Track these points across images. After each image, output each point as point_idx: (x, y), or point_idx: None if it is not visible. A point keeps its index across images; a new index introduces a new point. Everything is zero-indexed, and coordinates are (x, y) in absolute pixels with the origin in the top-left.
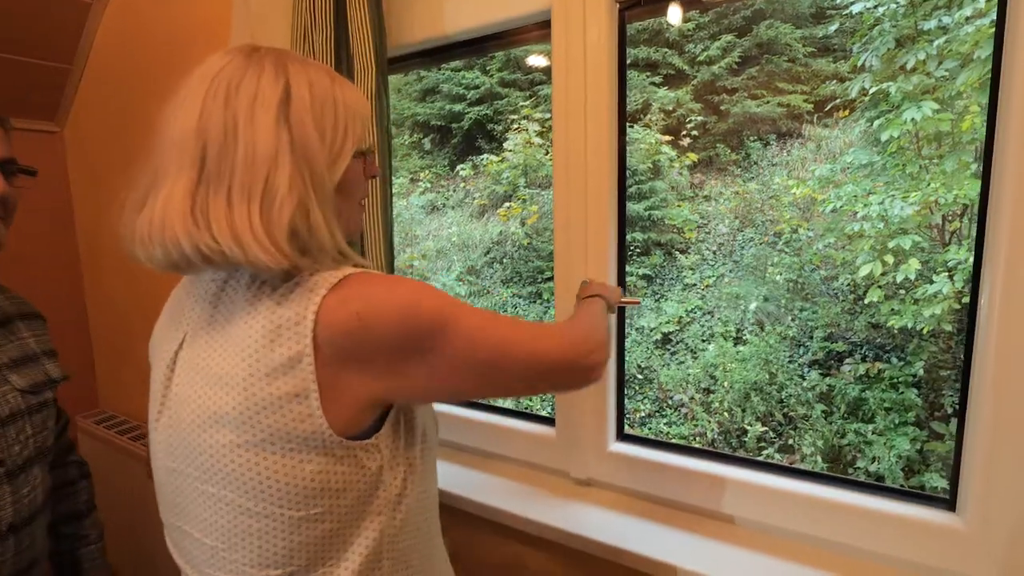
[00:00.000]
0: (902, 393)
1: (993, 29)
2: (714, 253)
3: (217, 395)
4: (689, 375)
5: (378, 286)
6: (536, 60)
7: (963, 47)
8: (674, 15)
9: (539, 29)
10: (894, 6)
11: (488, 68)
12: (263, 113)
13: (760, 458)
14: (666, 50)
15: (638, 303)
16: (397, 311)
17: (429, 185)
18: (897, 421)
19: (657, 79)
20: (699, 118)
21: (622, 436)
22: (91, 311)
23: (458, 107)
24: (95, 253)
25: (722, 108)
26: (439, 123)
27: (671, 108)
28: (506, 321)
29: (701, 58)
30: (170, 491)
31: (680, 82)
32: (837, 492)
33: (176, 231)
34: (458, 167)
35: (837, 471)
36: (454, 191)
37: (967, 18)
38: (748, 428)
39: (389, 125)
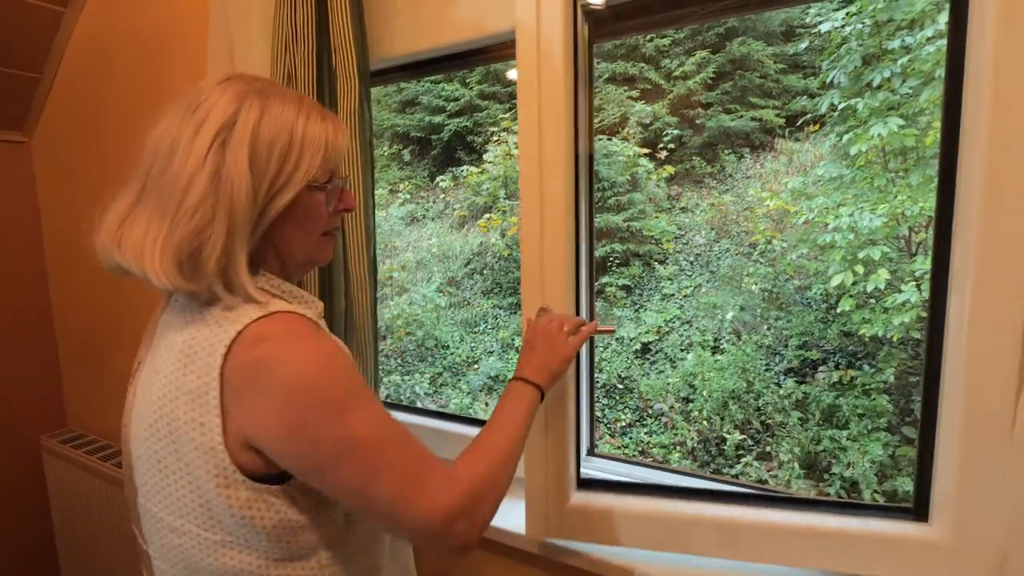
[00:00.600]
0: (874, 399)
1: None
2: (691, 263)
3: (144, 411)
4: (668, 384)
5: (293, 342)
6: (515, 73)
7: (925, 66)
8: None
9: (509, 48)
10: (860, 26)
11: (468, 81)
12: (203, 135)
13: (724, 486)
14: (643, 65)
15: (612, 331)
16: (297, 378)
17: (409, 196)
18: (870, 427)
19: (634, 93)
20: (675, 131)
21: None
22: (58, 324)
23: (438, 119)
24: (63, 264)
25: (697, 122)
26: (419, 134)
27: (648, 122)
28: (397, 441)
29: (677, 73)
30: (140, 479)
31: (656, 96)
32: (811, 517)
33: (103, 245)
34: (438, 178)
35: (814, 477)
36: (434, 202)
37: (928, 38)
38: (727, 436)
39: (371, 138)
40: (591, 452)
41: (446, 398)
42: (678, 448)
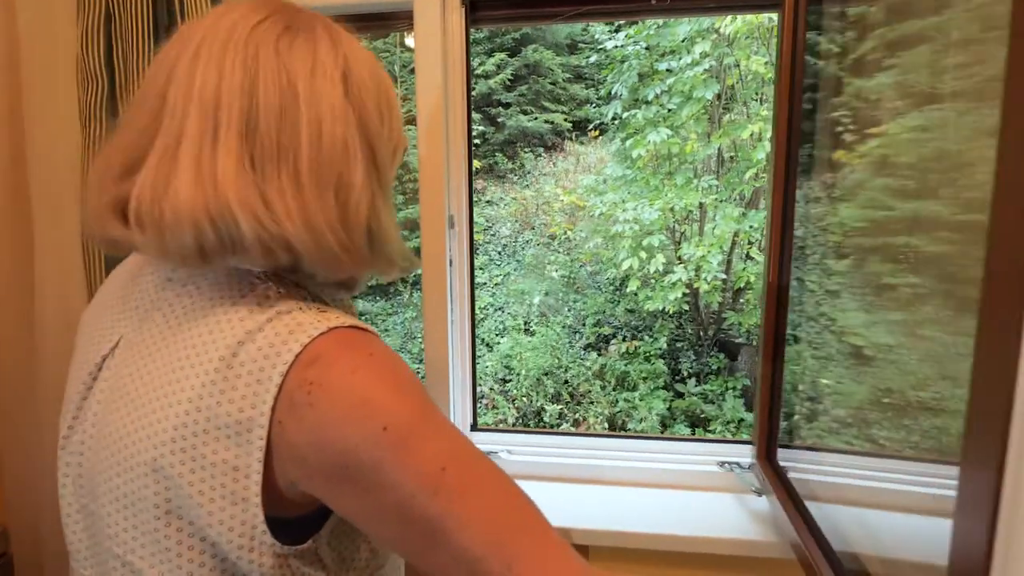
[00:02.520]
0: (653, 364)
1: (705, 76)
2: (499, 253)
3: (137, 437)
4: (487, 367)
5: (347, 363)
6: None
7: (685, 87)
8: None
9: (386, 20)
10: (636, 47)
11: None
12: (328, 85)
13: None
14: None
15: None
16: (351, 425)
17: None
18: (652, 387)
19: None
20: (479, 128)
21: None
22: None
23: None
24: None
25: (499, 120)
26: None
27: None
28: (503, 496)
29: (479, 71)
30: (84, 537)
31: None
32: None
33: (229, 204)
34: None
35: (615, 432)
36: None
37: (687, 65)
38: (547, 408)
39: None
40: (474, 427)
41: None
42: (501, 425)
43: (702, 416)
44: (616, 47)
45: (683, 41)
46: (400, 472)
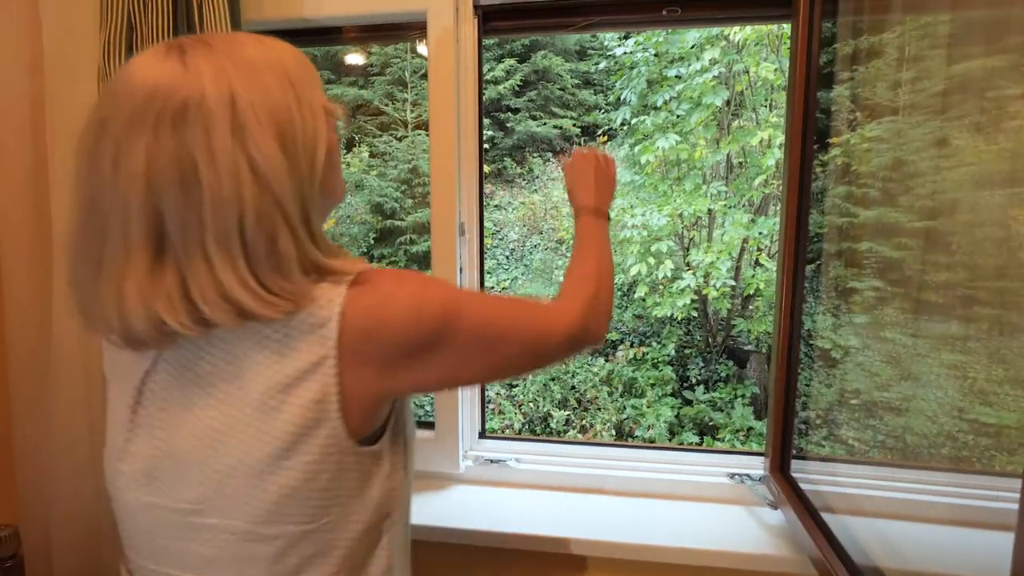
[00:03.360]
0: (661, 370)
1: (714, 82)
2: (507, 257)
3: (222, 415)
4: None
5: (387, 282)
6: (354, 59)
7: (694, 94)
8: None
9: (399, 30)
10: (645, 54)
11: None
12: (219, 141)
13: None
14: None
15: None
16: (409, 308)
17: None
18: (660, 394)
19: None
20: (488, 132)
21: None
22: None
23: None
24: None
25: (508, 125)
26: None
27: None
28: (508, 305)
29: (488, 77)
30: (145, 530)
31: None
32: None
33: (157, 312)
34: None
35: (621, 441)
36: None
37: (697, 71)
38: (554, 413)
39: None
40: (482, 435)
41: None
42: (507, 431)
43: (711, 424)
44: (625, 53)
45: (692, 48)
46: (463, 332)
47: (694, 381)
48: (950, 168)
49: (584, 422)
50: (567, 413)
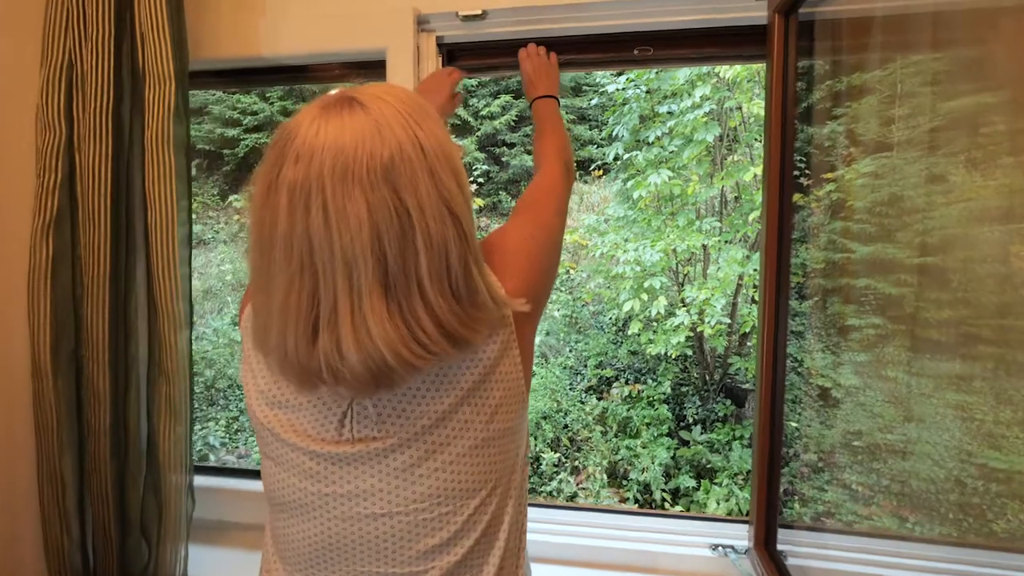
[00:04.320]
0: (657, 409)
1: (706, 119)
2: None
3: (442, 402)
4: None
5: (504, 238)
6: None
7: (686, 129)
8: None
9: (358, 68)
10: (637, 91)
11: (268, 95)
12: (423, 186)
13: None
14: None
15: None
16: (521, 246)
17: (195, 215)
18: (656, 434)
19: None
20: (483, 167)
21: None
22: None
23: (231, 132)
24: None
25: (503, 159)
26: (207, 147)
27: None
28: (533, 209)
29: (484, 112)
30: (372, 540)
31: (466, 132)
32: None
33: (381, 353)
34: (231, 197)
35: (615, 484)
36: (225, 223)
37: (688, 108)
38: (544, 455)
39: (189, 149)
40: None
41: (247, 445)
42: None
43: (708, 466)
44: (617, 90)
45: (684, 84)
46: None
47: (691, 420)
48: (948, 204)
49: (576, 463)
50: (558, 455)
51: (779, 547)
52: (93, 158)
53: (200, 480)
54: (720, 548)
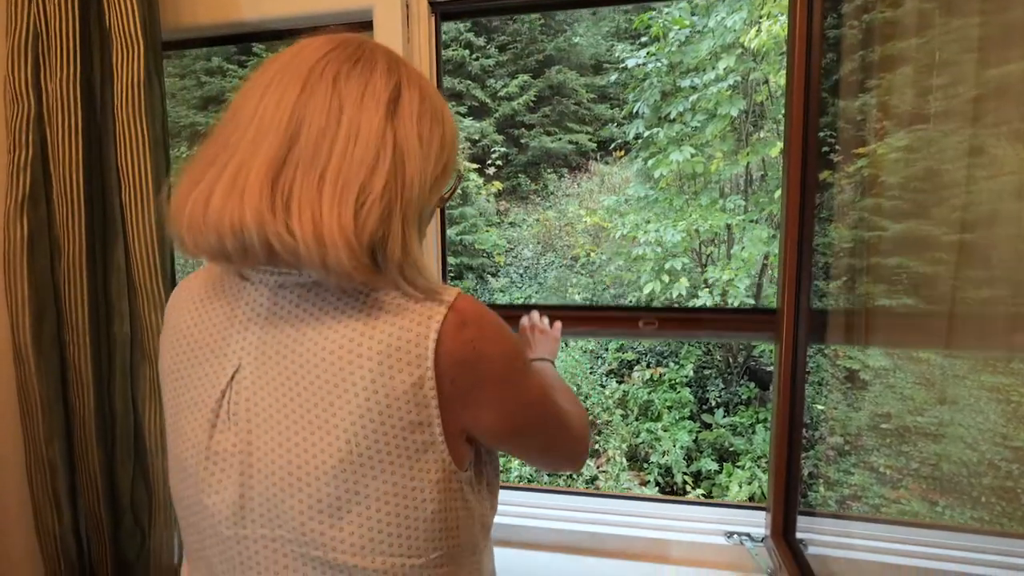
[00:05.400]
0: (679, 392)
1: (730, 92)
2: (521, 276)
3: (319, 443)
4: None
5: (488, 318)
6: None
7: (709, 104)
8: None
9: (350, 29)
10: (658, 65)
11: None
12: (372, 104)
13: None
14: (469, 82)
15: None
16: (503, 352)
17: None
18: (678, 417)
19: (463, 109)
20: (502, 149)
21: None
22: None
23: None
24: None
25: (522, 141)
26: None
27: (477, 138)
28: (549, 389)
29: (502, 93)
30: (234, 567)
31: (484, 114)
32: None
33: (244, 214)
34: None
35: (636, 468)
36: None
37: (711, 80)
38: None
39: (165, 120)
40: None
41: None
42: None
43: (731, 449)
44: (638, 65)
45: (707, 56)
46: (533, 399)
47: (713, 403)
48: (989, 178)
49: (596, 446)
50: None
51: (798, 535)
52: (63, 131)
53: None
54: (735, 536)
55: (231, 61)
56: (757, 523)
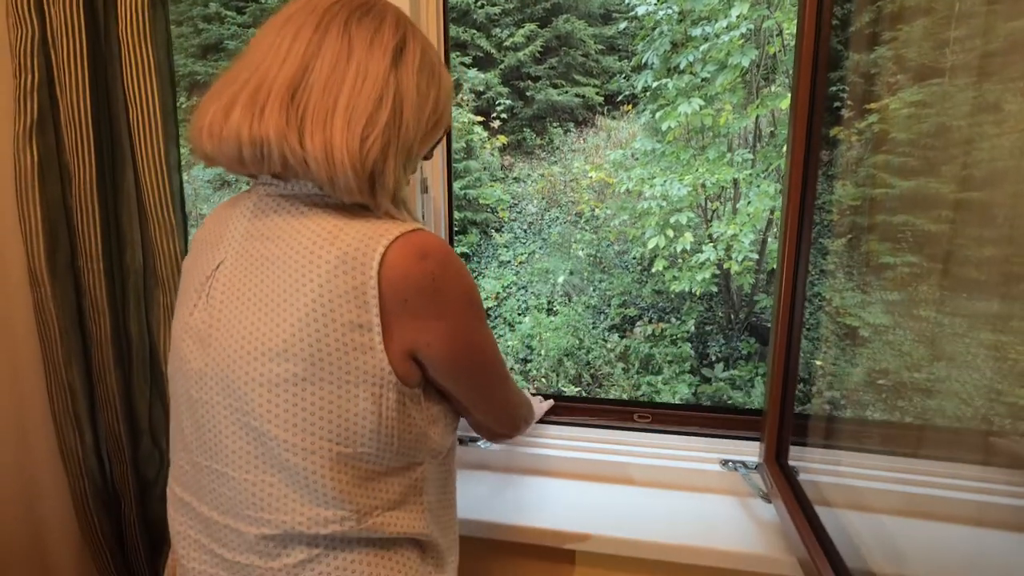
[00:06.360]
0: (680, 347)
1: (741, 41)
2: (525, 231)
3: (271, 324)
4: (509, 347)
5: (455, 260)
6: None
7: (720, 54)
8: None
9: None
10: (670, 12)
11: None
12: (379, 50)
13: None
14: (474, 31)
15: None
16: (461, 293)
17: None
18: (678, 371)
19: (467, 59)
20: (507, 102)
21: None
22: None
23: None
24: None
25: (527, 94)
26: None
27: (481, 89)
28: (501, 356)
29: (507, 43)
30: (197, 426)
31: (489, 65)
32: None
33: (265, 128)
34: None
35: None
36: None
37: (723, 29)
38: (564, 391)
39: (170, 46)
40: None
41: None
42: None
43: (729, 402)
44: (648, 13)
45: (720, 3)
46: (483, 340)
47: (714, 359)
48: (1000, 135)
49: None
50: (579, 390)
51: (791, 463)
52: (69, 56)
53: None
54: (730, 463)
55: (229, 7)
56: (752, 452)
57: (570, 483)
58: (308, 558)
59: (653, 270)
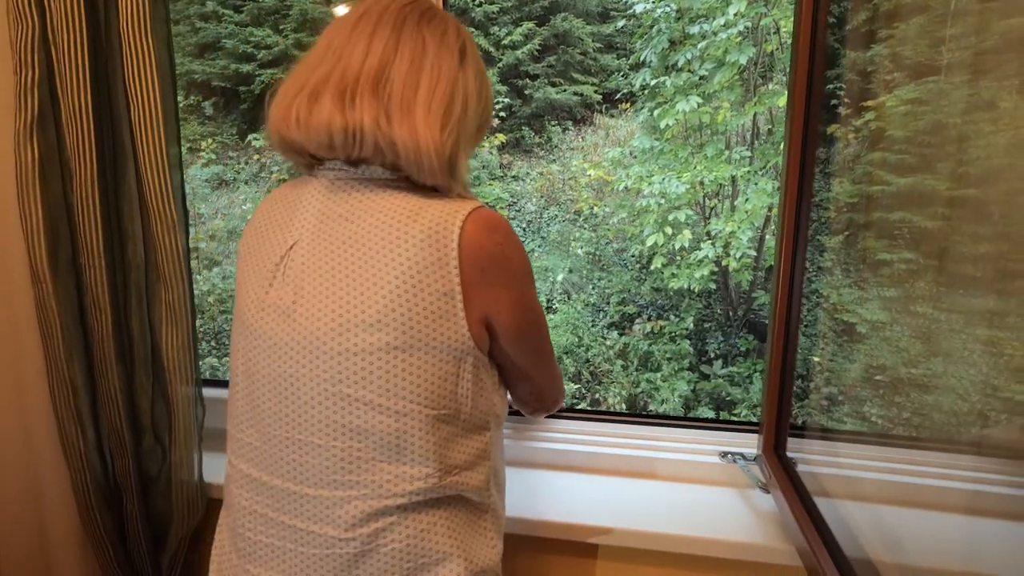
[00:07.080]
0: (679, 344)
1: (739, 39)
2: (524, 230)
3: (362, 298)
4: None
5: (514, 233)
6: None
7: (718, 52)
8: None
9: None
10: (668, 9)
11: (282, 28)
12: (448, 51)
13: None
14: (473, 30)
15: None
16: (522, 263)
17: (214, 156)
18: (676, 368)
19: None
20: (506, 100)
21: None
22: None
23: (246, 68)
24: None
25: (526, 92)
26: (223, 85)
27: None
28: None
29: (505, 42)
30: (279, 399)
31: (487, 63)
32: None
33: (360, 114)
34: (250, 136)
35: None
36: (246, 163)
37: (721, 26)
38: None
39: (170, 42)
40: None
41: None
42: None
43: (727, 399)
44: (646, 11)
45: (717, 1)
46: (536, 308)
47: (712, 355)
48: (995, 132)
49: (597, 395)
50: (578, 387)
51: (789, 454)
52: (69, 52)
53: (217, 392)
54: (729, 455)
55: (226, 6)
56: (750, 444)
57: (567, 475)
58: (384, 527)
59: (652, 268)
